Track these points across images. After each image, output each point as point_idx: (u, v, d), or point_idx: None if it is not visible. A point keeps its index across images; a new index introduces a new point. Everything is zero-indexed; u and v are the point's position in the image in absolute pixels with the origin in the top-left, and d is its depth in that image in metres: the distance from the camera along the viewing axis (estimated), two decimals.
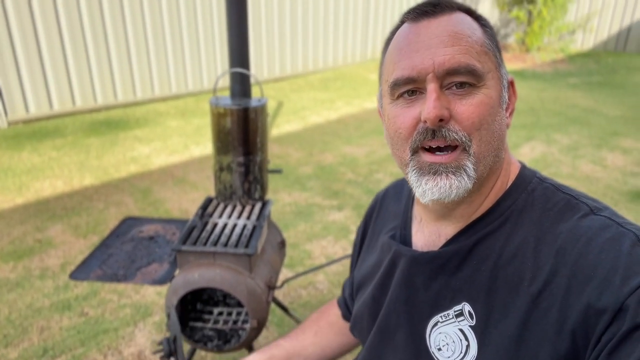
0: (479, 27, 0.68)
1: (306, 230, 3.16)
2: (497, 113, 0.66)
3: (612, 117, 5.78)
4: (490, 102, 0.64)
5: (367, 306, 0.86)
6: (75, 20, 5.16)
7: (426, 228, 0.79)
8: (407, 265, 0.78)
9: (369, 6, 8.47)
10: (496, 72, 0.67)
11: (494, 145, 0.66)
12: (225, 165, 1.72)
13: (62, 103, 5.30)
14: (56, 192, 3.67)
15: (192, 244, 1.54)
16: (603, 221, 0.62)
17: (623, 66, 8.57)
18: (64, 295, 2.50)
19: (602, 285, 0.56)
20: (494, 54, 0.67)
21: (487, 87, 0.64)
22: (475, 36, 0.65)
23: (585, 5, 9.90)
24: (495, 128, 0.66)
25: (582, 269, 0.58)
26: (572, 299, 0.57)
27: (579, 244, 0.60)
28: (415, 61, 0.64)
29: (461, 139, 0.63)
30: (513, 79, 0.72)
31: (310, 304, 2.49)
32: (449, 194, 0.65)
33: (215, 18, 6.34)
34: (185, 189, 3.77)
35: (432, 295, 0.73)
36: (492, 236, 0.69)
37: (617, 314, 0.53)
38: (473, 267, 0.69)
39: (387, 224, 0.90)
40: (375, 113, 5.89)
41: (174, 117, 5.52)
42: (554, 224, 0.65)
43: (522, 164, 0.76)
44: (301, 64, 7.68)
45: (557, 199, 0.68)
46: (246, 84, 1.73)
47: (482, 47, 0.65)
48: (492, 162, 0.67)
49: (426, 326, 0.74)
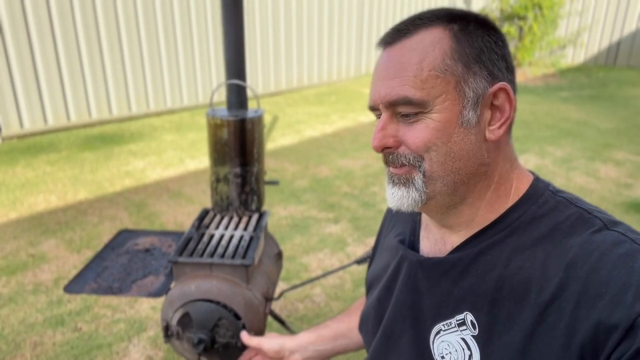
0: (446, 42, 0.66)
1: (302, 244, 3.14)
2: (451, 134, 0.66)
3: (604, 129, 5.84)
4: (438, 126, 0.65)
5: (374, 307, 0.87)
6: (71, 35, 5.19)
7: (432, 234, 0.80)
8: (411, 270, 0.78)
9: (362, 22, 8.58)
10: (453, 93, 0.65)
11: (452, 165, 0.67)
12: (222, 177, 1.72)
13: (57, 118, 5.30)
14: (50, 206, 3.64)
15: (188, 256, 1.53)
16: (616, 237, 0.61)
17: (613, 80, 8.70)
18: (57, 310, 2.46)
19: (613, 302, 0.55)
20: (452, 73, 0.65)
21: (436, 112, 0.65)
22: (425, 61, 0.65)
23: (575, 21, 10.08)
24: (450, 148, 0.66)
25: (593, 285, 0.57)
26: (582, 315, 0.56)
27: (591, 259, 0.59)
28: (372, 92, 0.71)
29: (409, 161, 0.68)
30: (504, 87, 0.68)
31: (307, 317, 2.46)
32: (402, 203, 0.70)
33: (210, 33, 6.39)
34: (181, 202, 3.75)
35: (435, 302, 0.73)
36: (498, 246, 0.68)
37: (628, 331, 0.52)
38: (477, 277, 0.68)
39: (398, 227, 0.91)
40: (370, 126, 5.93)
41: (169, 132, 5.52)
42: (565, 238, 0.64)
43: (535, 175, 0.75)
44: (296, 79, 7.74)
45: (570, 212, 0.67)
46: (243, 96, 1.74)
47: (430, 71, 0.64)
48: (457, 179, 0.68)
49: (430, 333, 0.73)
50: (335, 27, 8.11)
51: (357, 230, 3.33)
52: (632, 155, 4.92)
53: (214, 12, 6.36)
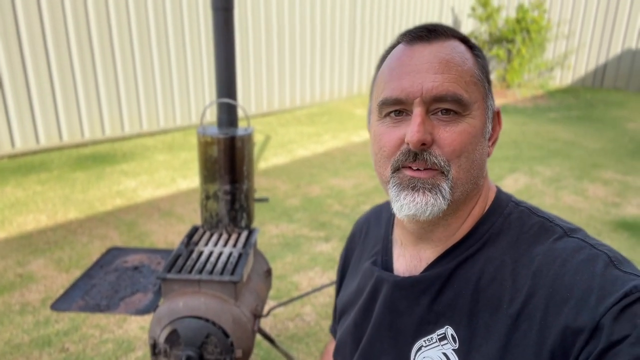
0: (471, 56, 0.69)
1: (293, 262, 3.14)
2: (478, 142, 0.68)
3: (592, 149, 5.93)
4: (473, 132, 0.66)
5: (350, 333, 0.85)
6: (64, 54, 5.23)
7: (407, 252, 0.80)
8: (390, 291, 0.77)
9: (354, 43, 8.72)
10: (482, 103, 0.68)
11: (473, 173, 0.68)
12: (212, 194, 1.73)
13: (49, 138, 5.30)
14: (39, 226, 3.62)
15: (177, 272, 1.53)
16: (577, 243, 0.63)
17: (601, 101, 8.86)
18: (44, 330, 2.43)
19: (578, 305, 0.57)
20: (483, 85, 0.69)
21: (472, 117, 0.66)
22: (465, 65, 0.67)
23: (562, 44, 10.30)
24: (475, 157, 0.67)
25: (558, 290, 0.59)
26: (550, 320, 0.58)
27: (554, 266, 0.62)
28: (404, 84, 0.66)
29: (440, 164, 0.65)
30: (499, 110, 0.74)
31: (297, 336, 2.45)
32: (424, 211, 0.66)
33: (204, 53, 6.47)
34: (172, 221, 3.75)
35: (416, 319, 0.73)
36: (471, 260, 0.70)
37: (593, 332, 0.54)
38: (454, 291, 0.70)
39: (368, 249, 0.90)
40: (362, 146, 5.98)
41: (161, 151, 5.53)
42: (530, 247, 0.66)
43: (497, 188, 0.78)
44: (288, 99, 7.81)
45: (532, 222, 0.69)
46: (233, 114, 1.76)
47: (471, 77, 0.67)
48: (469, 189, 0.69)
49: (410, 350, 0.73)
50: (327, 48, 8.24)
51: None
52: (620, 174, 4.99)
53: (208, 33, 6.45)
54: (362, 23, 8.77)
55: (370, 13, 8.85)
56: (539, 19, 9.33)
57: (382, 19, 9.18)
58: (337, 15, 8.25)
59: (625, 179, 4.86)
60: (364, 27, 8.83)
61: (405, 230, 0.78)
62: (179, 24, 6.13)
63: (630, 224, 3.79)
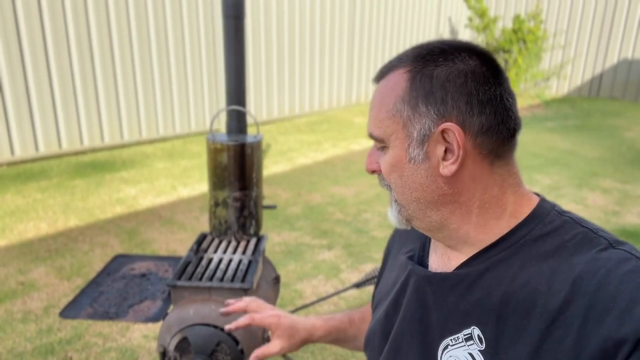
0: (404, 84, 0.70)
1: (296, 270, 3.13)
2: (403, 168, 0.72)
3: (590, 158, 5.97)
4: (392, 161, 0.73)
5: (380, 323, 0.87)
6: (64, 62, 5.23)
7: (439, 250, 0.82)
8: (419, 284, 0.79)
9: (353, 53, 8.77)
10: (401, 132, 0.71)
11: (409, 195, 0.73)
12: (221, 201, 1.73)
13: (48, 145, 5.28)
14: (40, 234, 3.59)
15: (187, 279, 1.52)
16: (623, 254, 0.62)
17: (597, 110, 8.93)
18: (47, 339, 2.41)
19: (622, 316, 0.56)
20: (401, 115, 0.70)
21: (391, 148, 0.73)
22: (384, 103, 0.73)
23: (558, 54, 10.40)
24: (405, 181, 0.73)
25: (601, 300, 0.58)
26: (590, 329, 0.57)
27: (598, 275, 0.60)
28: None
29: (387, 186, 0.77)
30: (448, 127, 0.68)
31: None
32: (393, 221, 0.79)
33: (203, 61, 6.49)
34: (173, 229, 3.73)
35: (443, 316, 0.74)
36: (504, 263, 0.70)
37: (637, 344, 0.53)
38: (484, 292, 0.70)
39: (408, 245, 0.92)
40: (362, 154, 5.99)
41: (161, 159, 5.52)
42: (571, 256, 0.65)
43: (541, 197, 0.77)
44: (288, 108, 7.84)
45: (576, 231, 0.68)
46: (242, 121, 1.77)
47: (386, 112, 0.72)
48: (417, 207, 0.74)
49: (438, 348, 0.73)
50: (326, 58, 8.28)
51: (351, 257, 3.32)
52: (619, 183, 5.02)
53: (208, 41, 6.48)
54: (361, 33, 8.83)
55: (368, 23, 8.92)
56: (535, 30, 9.43)
57: (381, 29, 9.25)
58: (336, 25, 8.31)
59: (625, 187, 4.89)
60: (362, 37, 8.89)
61: None
62: (179, 32, 6.16)
63: (630, 232, 3.81)
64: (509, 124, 0.72)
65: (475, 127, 0.68)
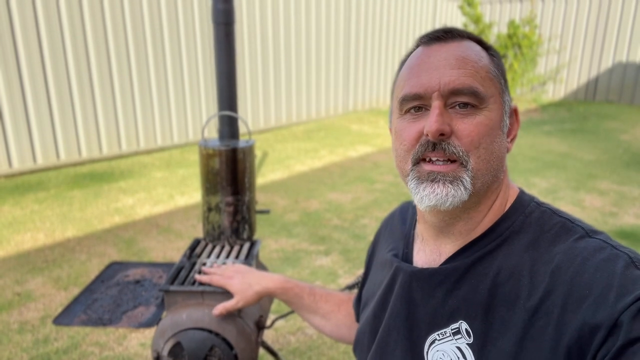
0: (487, 55, 0.73)
1: (294, 276, 3.13)
2: (496, 135, 0.70)
3: (586, 161, 5.98)
4: (490, 124, 0.69)
5: (369, 323, 0.87)
6: (62, 73, 5.26)
7: (427, 247, 0.81)
8: (406, 281, 0.79)
9: (349, 61, 8.82)
10: (499, 97, 0.71)
11: (492, 165, 0.70)
12: (214, 206, 1.74)
13: (46, 157, 5.30)
14: (37, 244, 3.59)
15: (180, 284, 1.53)
16: (598, 243, 0.64)
17: (593, 114, 8.96)
18: (43, 349, 2.40)
19: (597, 302, 0.57)
20: (499, 81, 0.72)
21: (488, 110, 0.69)
22: (481, 62, 0.70)
23: (553, 59, 10.46)
24: (494, 148, 0.70)
25: (577, 288, 0.60)
26: (568, 317, 0.59)
27: (574, 264, 0.62)
28: (423, 80, 0.70)
29: (459, 154, 0.68)
30: (517, 108, 0.77)
31: (299, 350, 2.43)
32: (444, 202, 0.68)
33: (200, 71, 6.52)
34: (170, 238, 3.73)
35: (430, 312, 0.74)
36: (490, 256, 0.71)
37: (611, 329, 0.55)
38: (471, 286, 0.71)
39: (392, 243, 0.93)
40: (359, 161, 6.00)
41: (158, 169, 5.54)
42: (550, 246, 0.67)
43: (520, 189, 0.79)
44: (285, 116, 7.86)
45: (554, 222, 0.70)
46: (234, 126, 1.78)
47: (487, 72, 0.70)
48: (490, 181, 0.71)
49: (424, 343, 0.74)
50: (322, 66, 8.32)
51: (348, 262, 3.32)
52: (615, 185, 5.02)
53: (204, 50, 6.52)
54: (357, 40, 8.89)
55: (364, 30, 8.98)
56: (530, 35, 9.49)
57: (376, 37, 9.31)
58: (332, 33, 8.36)
59: (621, 189, 4.90)
60: (358, 44, 8.94)
61: (427, 224, 0.80)
62: (175, 42, 6.20)
63: (628, 233, 3.81)
64: None
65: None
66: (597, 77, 10.10)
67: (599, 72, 10.05)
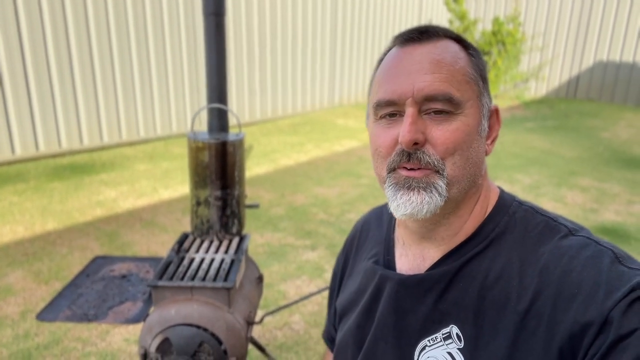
0: (465, 55, 0.69)
1: (280, 271, 3.11)
2: (473, 140, 0.68)
3: (568, 158, 6.07)
4: (467, 130, 0.66)
5: (352, 335, 0.84)
6: (42, 62, 5.13)
7: (410, 251, 0.79)
8: (394, 290, 0.76)
9: (335, 55, 8.79)
10: (476, 101, 0.68)
11: (469, 171, 0.68)
12: (203, 200, 1.71)
13: (25, 148, 5.17)
14: (17, 237, 3.51)
15: (168, 279, 1.50)
16: (582, 240, 0.64)
17: (575, 111, 9.10)
18: (24, 344, 2.35)
19: (586, 301, 0.57)
20: (476, 83, 0.69)
21: (464, 115, 0.66)
22: (457, 65, 0.67)
23: (536, 56, 10.58)
24: (470, 154, 0.67)
25: (566, 287, 0.60)
26: (559, 317, 0.59)
27: (561, 263, 0.62)
28: (396, 85, 0.67)
29: (434, 163, 0.65)
30: (497, 108, 0.74)
31: (286, 345, 2.42)
32: (420, 210, 0.66)
33: (185, 63, 6.43)
34: (154, 231, 3.68)
35: (420, 318, 0.73)
36: (477, 259, 0.70)
37: (602, 326, 0.55)
38: (460, 290, 0.70)
39: (368, 250, 0.89)
40: (345, 155, 6.00)
41: (142, 161, 5.45)
42: (535, 245, 0.66)
43: (500, 188, 0.78)
44: (270, 110, 7.81)
45: (537, 221, 0.70)
46: (224, 119, 1.75)
47: (463, 76, 0.67)
48: (467, 187, 0.69)
49: (414, 351, 0.73)
50: (308, 59, 8.28)
51: (334, 257, 3.31)
52: (596, 182, 5.12)
53: (189, 43, 6.42)
54: (343, 35, 8.86)
55: (350, 25, 8.95)
56: (514, 32, 9.58)
57: (362, 31, 9.29)
58: (319, 27, 8.32)
59: (602, 186, 4.99)
60: (344, 39, 8.92)
61: (408, 229, 0.77)
62: (159, 32, 6.09)
63: (609, 229, 3.88)
64: None
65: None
66: (578, 76, 10.26)
67: (580, 71, 10.21)
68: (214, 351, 1.46)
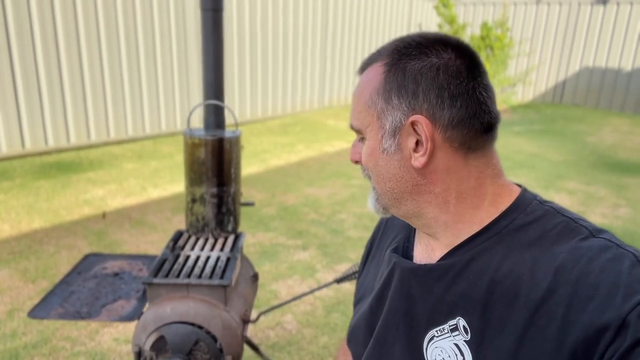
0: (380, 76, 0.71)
1: (272, 270, 3.10)
2: (378, 159, 0.74)
3: (555, 161, 6.15)
4: (368, 151, 0.75)
5: (364, 318, 0.86)
6: (29, 60, 5.05)
7: (423, 240, 0.81)
8: (404, 277, 0.78)
9: (325, 56, 8.80)
10: (376, 123, 0.73)
11: (388, 185, 0.74)
12: (198, 197, 1.70)
13: (11, 145, 5.08)
14: (3, 235, 3.44)
15: (164, 276, 1.48)
16: (603, 243, 0.63)
17: (561, 116, 9.23)
18: (11, 343, 2.30)
19: (604, 303, 0.57)
20: (375, 108, 0.72)
21: (368, 139, 0.75)
22: (362, 95, 0.74)
23: (523, 61, 10.72)
24: (380, 172, 0.74)
25: (583, 288, 0.59)
26: (573, 317, 0.58)
27: (579, 264, 0.61)
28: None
29: (367, 176, 0.79)
30: (416, 120, 0.69)
31: (278, 344, 2.41)
32: (373, 209, 0.80)
33: (175, 62, 6.38)
34: (144, 230, 3.64)
35: (429, 308, 0.74)
36: (488, 252, 0.70)
37: (619, 330, 0.54)
38: (469, 282, 0.70)
39: (392, 237, 0.92)
40: (336, 156, 6.00)
41: (130, 160, 5.39)
42: (553, 245, 0.66)
43: (523, 187, 0.78)
44: (261, 110, 7.79)
45: (557, 221, 0.69)
46: (220, 116, 1.74)
47: (363, 104, 0.74)
48: (392, 197, 0.75)
49: (423, 340, 0.73)
50: (299, 60, 8.28)
51: (326, 257, 3.32)
52: (583, 185, 5.19)
53: (179, 42, 6.38)
54: (333, 37, 8.88)
55: (341, 28, 8.97)
56: (502, 37, 9.69)
57: (353, 34, 9.32)
58: (309, 29, 8.32)
59: (588, 189, 5.06)
60: (335, 41, 8.93)
61: None
62: (149, 29, 6.04)
63: None
64: (483, 117, 0.71)
65: (445, 120, 0.68)
66: (564, 81, 10.41)
67: (566, 76, 10.36)
68: (210, 349, 1.45)
